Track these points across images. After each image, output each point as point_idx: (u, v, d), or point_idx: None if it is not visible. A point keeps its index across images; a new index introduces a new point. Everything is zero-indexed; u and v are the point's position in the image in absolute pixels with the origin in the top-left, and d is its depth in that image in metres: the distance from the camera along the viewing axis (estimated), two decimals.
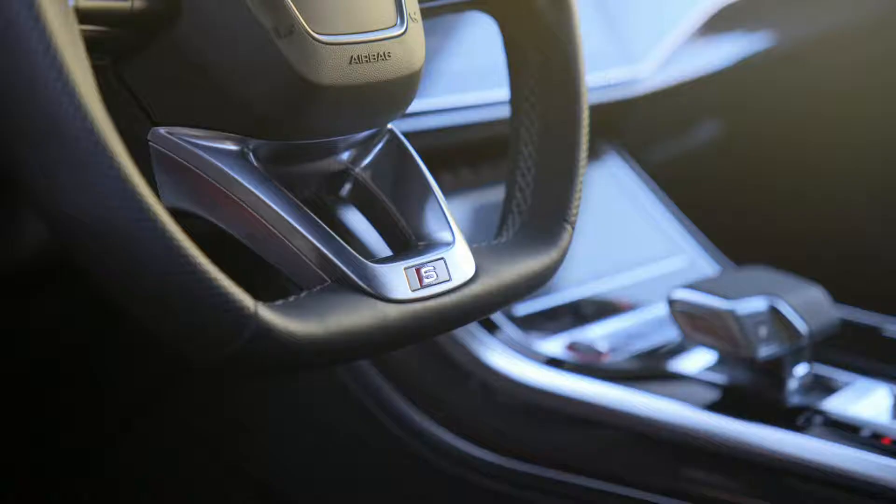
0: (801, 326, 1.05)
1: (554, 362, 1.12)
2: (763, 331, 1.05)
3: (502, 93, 0.84)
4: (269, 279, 0.69)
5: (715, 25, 1.47)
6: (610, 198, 1.36)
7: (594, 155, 1.36)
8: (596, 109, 0.89)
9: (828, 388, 1.10)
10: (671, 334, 1.17)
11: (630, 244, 1.34)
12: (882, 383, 1.11)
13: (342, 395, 1.13)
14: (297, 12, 0.65)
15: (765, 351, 1.05)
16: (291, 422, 1.21)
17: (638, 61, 1.35)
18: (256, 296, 0.60)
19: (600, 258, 1.29)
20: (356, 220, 1.04)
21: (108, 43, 0.64)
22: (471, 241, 0.75)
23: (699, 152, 1.61)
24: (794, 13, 1.58)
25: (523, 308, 1.16)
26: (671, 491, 1.04)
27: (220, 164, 0.66)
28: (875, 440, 1.01)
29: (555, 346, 1.14)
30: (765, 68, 1.55)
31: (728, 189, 1.59)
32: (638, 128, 1.44)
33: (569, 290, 1.23)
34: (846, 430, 1.03)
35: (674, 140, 1.58)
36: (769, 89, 1.58)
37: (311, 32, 0.65)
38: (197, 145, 0.66)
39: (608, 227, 1.33)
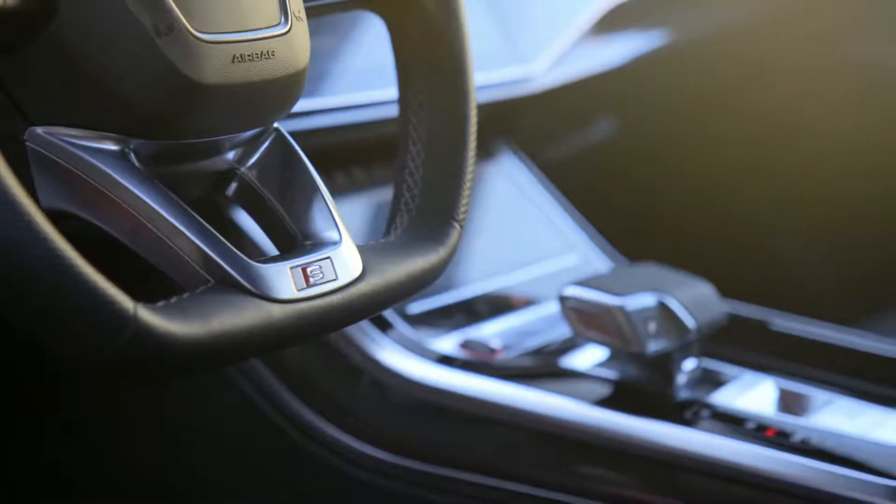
0: (688, 321, 1.07)
1: (446, 360, 1.12)
2: (652, 326, 1.06)
3: (394, 91, 0.84)
4: (152, 281, 0.69)
5: (608, 24, 1.48)
6: (504, 196, 1.36)
7: (488, 153, 1.36)
8: (489, 108, 0.90)
9: (715, 381, 1.12)
10: (563, 331, 1.18)
11: (524, 241, 1.35)
12: (768, 376, 1.14)
13: (233, 394, 1.12)
14: (178, 10, 0.64)
15: (654, 346, 1.06)
16: (184, 422, 1.19)
17: (530, 60, 1.36)
18: (139, 298, 0.60)
19: (494, 256, 1.30)
20: (243, 221, 1.03)
21: None
22: (364, 241, 0.75)
23: (593, 150, 1.62)
24: (686, 12, 1.60)
25: (416, 306, 1.16)
26: (565, 487, 1.05)
27: (99, 165, 0.65)
28: (759, 432, 1.03)
29: (448, 343, 1.14)
30: (657, 67, 1.57)
31: (621, 186, 1.61)
32: (532, 126, 1.45)
33: (462, 287, 1.23)
34: (732, 423, 1.05)
35: (568, 138, 1.60)
36: (662, 87, 1.59)
37: (192, 31, 0.65)
38: (76, 145, 0.65)
39: (502, 225, 1.34)
